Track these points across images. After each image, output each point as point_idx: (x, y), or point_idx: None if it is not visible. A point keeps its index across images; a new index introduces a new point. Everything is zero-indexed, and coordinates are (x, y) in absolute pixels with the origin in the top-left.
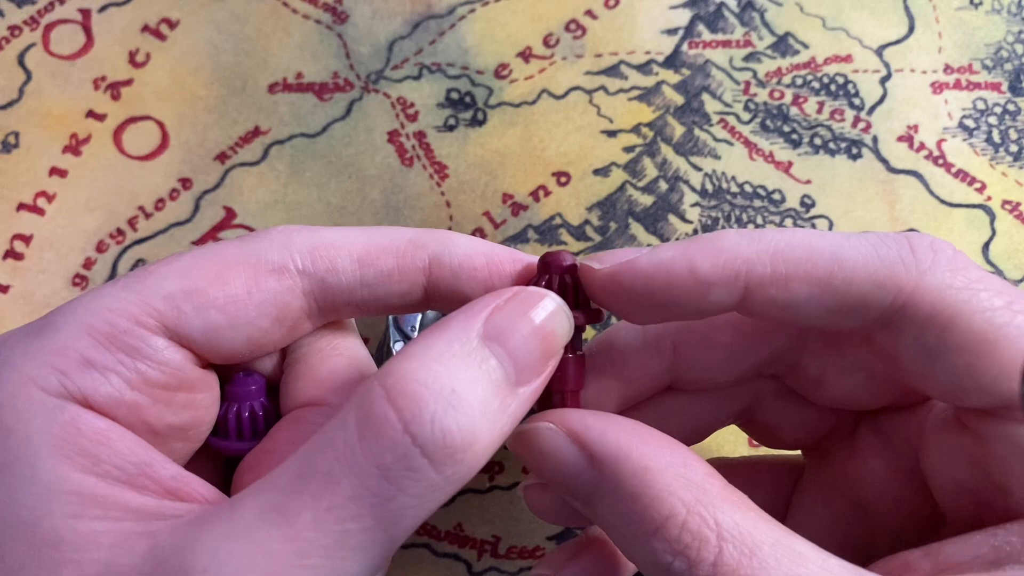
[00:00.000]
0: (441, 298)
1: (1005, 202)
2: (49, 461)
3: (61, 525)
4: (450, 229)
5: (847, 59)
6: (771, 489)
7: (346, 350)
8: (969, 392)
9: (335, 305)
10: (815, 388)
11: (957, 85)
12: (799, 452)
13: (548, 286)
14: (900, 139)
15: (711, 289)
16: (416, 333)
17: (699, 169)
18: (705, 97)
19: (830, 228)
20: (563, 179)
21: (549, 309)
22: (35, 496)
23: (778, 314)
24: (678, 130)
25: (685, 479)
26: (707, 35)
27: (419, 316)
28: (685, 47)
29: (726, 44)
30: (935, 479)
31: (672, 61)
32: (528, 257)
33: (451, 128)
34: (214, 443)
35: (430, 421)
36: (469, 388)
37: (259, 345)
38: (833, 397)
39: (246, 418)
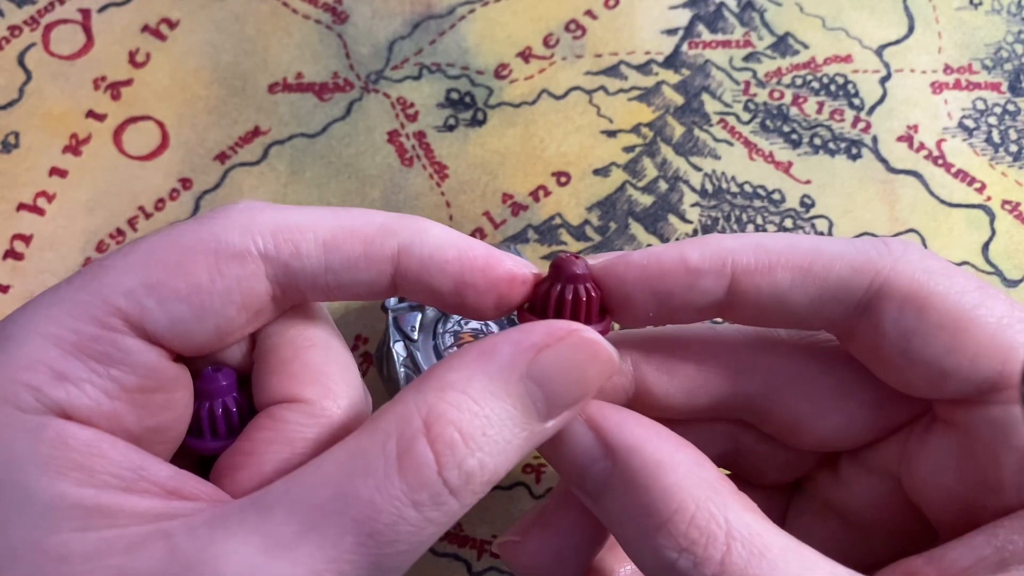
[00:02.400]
0: (409, 288)
1: (1005, 202)
2: (43, 480)
3: (68, 539)
4: None
5: (847, 59)
6: (765, 510)
7: (319, 339)
8: (949, 376)
9: (299, 290)
10: (791, 434)
11: (957, 85)
12: None
13: (561, 297)
14: (900, 139)
15: (700, 277)
16: (416, 334)
17: (699, 169)
18: (705, 97)
19: (830, 228)
20: (563, 179)
21: (603, 364)
22: (35, 517)
23: (765, 304)
24: (678, 130)
25: (698, 476)
26: (707, 35)
27: (419, 316)
28: (685, 47)
29: (726, 44)
30: (924, 495)
31: (672, 61)
32: (504, 256)
33: (451, 128)
34: (190, 443)
35: (459, 466)
36: (500, 429)
37: (227, 333)
38: (811, 441)
39: (219, 416)
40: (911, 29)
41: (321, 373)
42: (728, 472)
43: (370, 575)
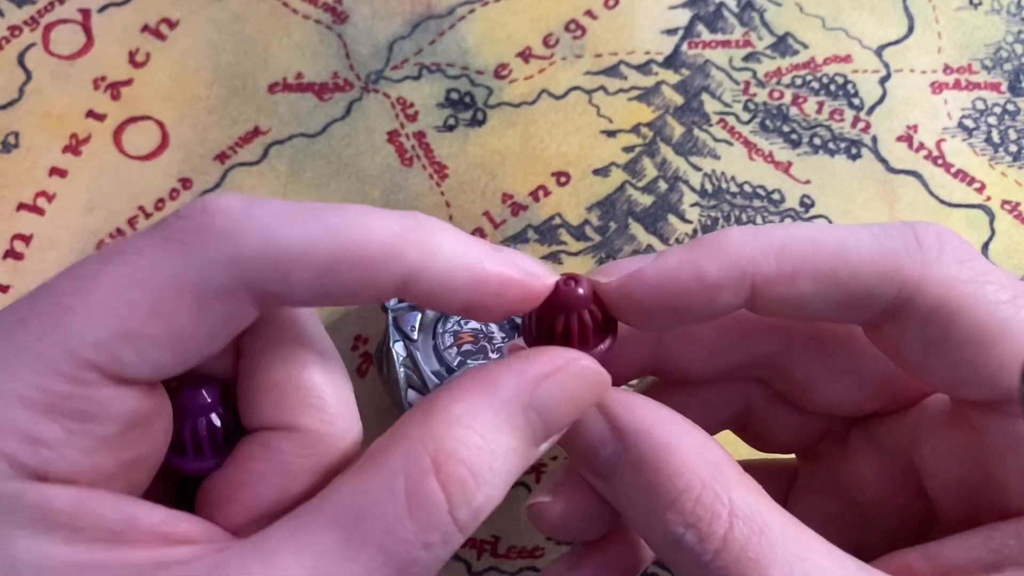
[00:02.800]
0: (413, 301)
1: (1004, 202)
2: (27, 543)
3: None
4: None
5: (847, 59)
6: (768, 488)
7: (312, 358)
8: (970, 384)
9: (287, 307)
10: (804, 394)
11: (956, 85)
12: (793, 456)
13: (567, 325)
14: (899, 139)
15: (719, 292)
16: (416, 334)
17: (699, 169)
18: (705, 97)
19: None
20: (563, 179)
21: (598, 389)
22: None
23: (786, 310)
24: (678, 130)
25: (704, 458)
26: (707, 35)
27: (419, 316)
28: (685, 47)
29: (726, 44)
30: (931, 477)
31: (672, 61)
32: (517, 273)
33: (451, 128)
34: (173, 462)
35: (469, 504)
36: (504, 462)
37: (210, 359)
38: (822, 403)
39: (204, 435)
40: (911, 29)
41: (317, 397)
42: (739, 435)
43: None
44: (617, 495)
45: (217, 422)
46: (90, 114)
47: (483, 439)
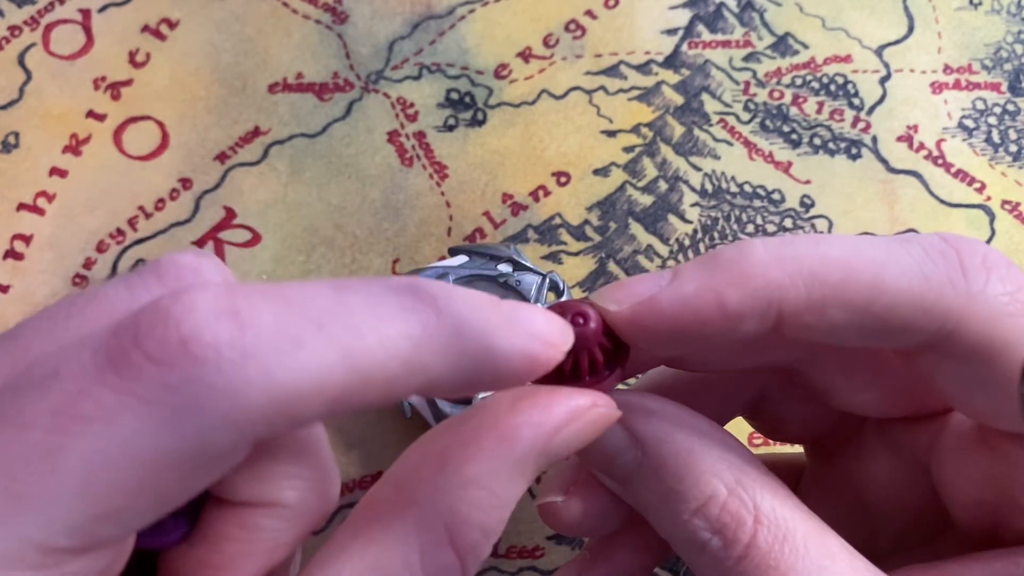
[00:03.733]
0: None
1: (1005, 202)
2: None
3: None
4: (450, 230)
5: (847, 59)
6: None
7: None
8: (1001, 417)
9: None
10: (824, 396)
11: (957, 85)
12: (801, 451)
13: (577, 363)
14: (900, 139)
15: (741, 323)
16: None
17: (699, 169)
18: (705, 97)
19: (830, 228)
20: (563, 179)
21: (606, 425)
22: None
23: (813, 337)
24: (678, 130)
25: (727, 461)
26: (707, 35)
27: None
28: (685, 47)
29: (726, 44)
30: (949, 491)
31: (672, 61)
32: (538, 350)
33: (451, 128)
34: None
35: (478, 559)
36: (511, 507)
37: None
38: (839, 405)
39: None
40: (911, 29)
41: (298, 467)
42: (751, 422)
43: None
44: (638, 499)
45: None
46: (90, 114)
47: (499, 498)
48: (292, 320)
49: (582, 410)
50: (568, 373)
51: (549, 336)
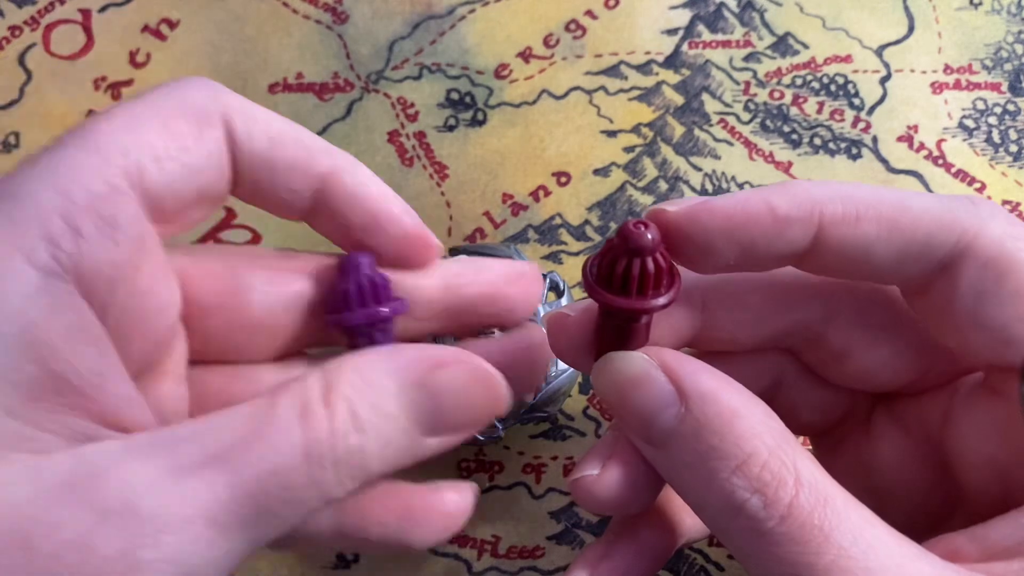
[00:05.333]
0: (324, 213)
1: (1005, 202)
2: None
3: None
4: (450, 230)
5: (847, 59)
6: None
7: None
8: (1014, 344)
9: (242, 174)
10: (837, 364)
11: (957, 85)
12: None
13: (628, 272)
14: (900, 139)
15: (788, 227)
16: None
17: (699, 169)
18: (705, 97)
19: None
20: (563, 179)
21: (494, 399)
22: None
23: (848, 258)
24: (678, 130)
25: (768, 426)
26: (707, 35)
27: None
28: (685, 47)
29: (726, 44)
30: (961, 457)
31: (672, 61)
32: (416, 216)
33: (451, 128)
34: (335, 320)
35: (344, 437)
36: (385, 424)
37: (206, 199)
38: (854, 374)
39: (367, 287)
40: (911, 29)
41: None
42: None
43: (258, 513)
44: (673, 461)
45: (378, 280)
46: (90, 114)
47: (369, 388)
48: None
49: (462, 357)
50: (619, 282)
51: (426, 229)
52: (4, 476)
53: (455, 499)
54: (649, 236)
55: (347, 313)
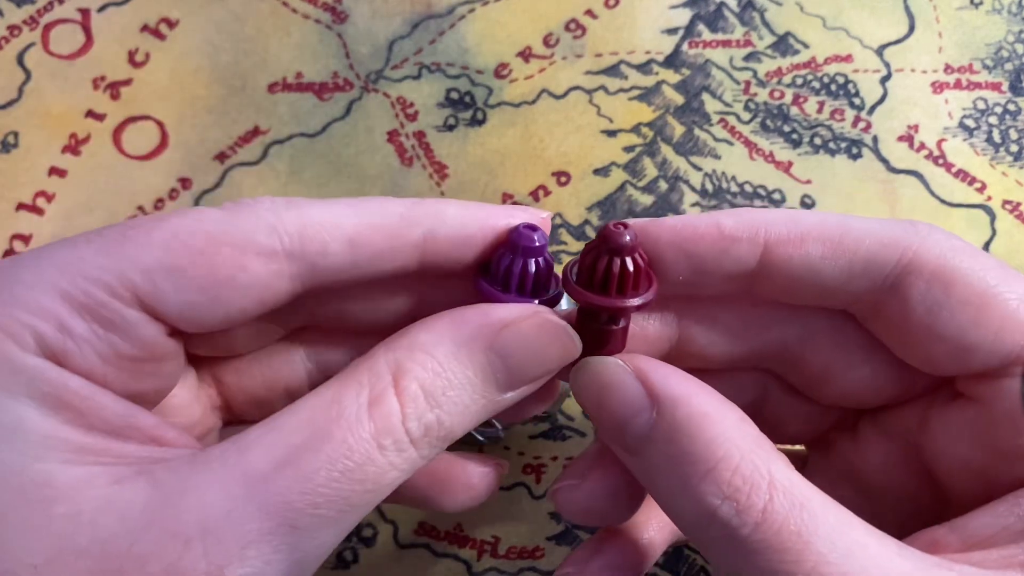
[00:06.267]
0: (438, 268)
1: (1005, 202)
2: (35, 414)
3: (54, 469)
4: None
5: (847, 59)
6: None
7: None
8: (973, 349)
9: (323, 285)
10: (819, 385)
11: (957, 85)
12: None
13: (608, 270)
14: (900, 139)
15: (734, 244)
16: None
17: (699, 169)
18: (705, 97)
19: None
20: (563, 179)
21: (565, 348)
22: (23, 445)
23: (795, 278)
24: (678, 130)
25: (741, 430)
26: (707, 35)
27: None
28: (685, 47)
29: (726, 44)
30: (940, 461)
31: (672, 61)
32: (518, 213)
33: (451, 128)
34: (486, 291)
35: (419, 419)
36: (460, 392)
37: (236, 321)
38: (836, 394)
39: (532, 273)
40: (911, 29)
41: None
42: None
43: (340, 509)
44: (647, 467)
45: (544, 268)
46: (89, 114)
47: (440, 366)
48: (321, 199)
49: (530, 312)
50: (599, 280)
51: (529, 212)
52: (88, 509)
53: (480, 472)
54: (628, 237)
55: (500, 292)
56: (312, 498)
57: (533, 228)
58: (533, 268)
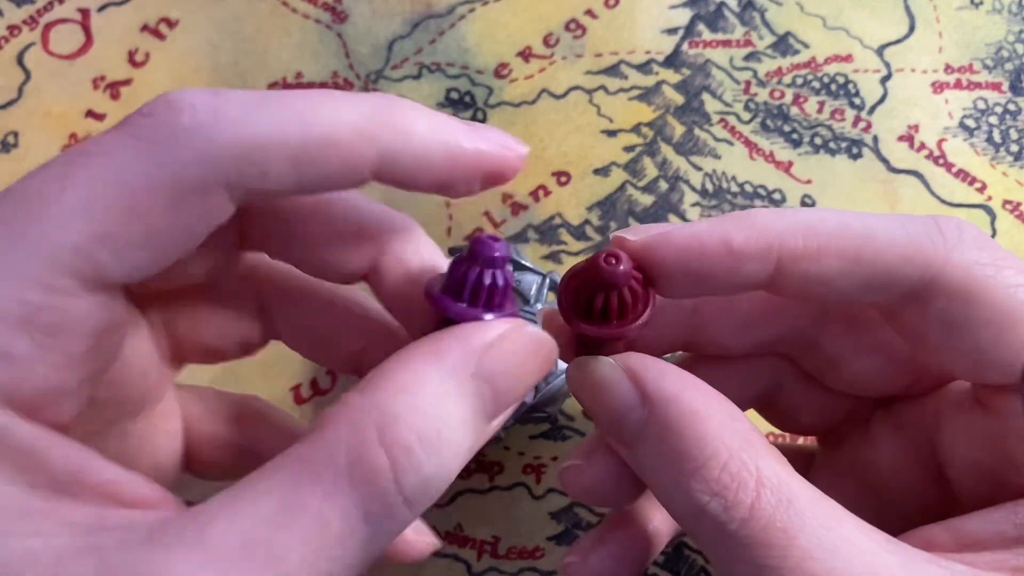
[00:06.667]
0: (391, 183)
1: (1006, 202)
2: None
3: None
4: (449, 230)
5: (847, 59)
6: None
7: None
8: (991, 366)
9: (268, 200)
10: (832, 370)
11: (958, 85)
12: (812, 441)
13: (607, 303)
14: (900, 139)
15: (745, 262)
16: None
17: (699, 169)
18: (705, 97)
19: None
20: (563, 179)
21: (546, 359)
22: None
23: (810, 290)
24: (678, 130)
25: (731, 427)
26: (707, 35)
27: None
28: (685, 47)
29: (726, 44)
30: (951, 460)
31: (672, 61)
32: (494, 142)
33: None
34: (440, 303)
35: (416, 471)
36: (454, 430)
37: (184, 254)
38: (849, 380)
39: (487, 284)
40: (912, 29)
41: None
42: (764, 414)
43: None
44: (641, 463)
45: (500, 280)
46: (89, 114)
47: (431, 406)
48: (259, 97)
49: (508, 329)
50: (598, 315)
51: (504, 140)
52: None
53: (411, 542)
54: (621, 268)
55: (454, 305)
56: None
57: (495, 239)
58: (488, 280)
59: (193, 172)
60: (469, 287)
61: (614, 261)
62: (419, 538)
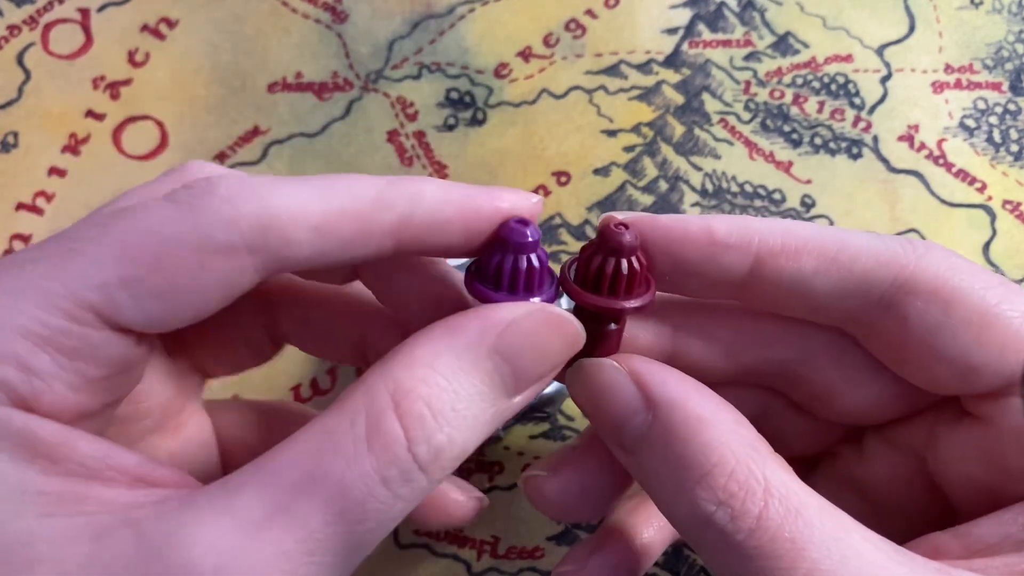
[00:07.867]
0: (413, 252)
1: (1006, 202)
2: (7, 467)
3: (33, 524)
4: None
5: (847, 59)
6: None
7: None
8: (977, 370)
9: (289, 273)
10: (822, 404)
11: (958, 85)
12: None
13: (603, 270)
14: (900, 139)
15: (725, 251)
16: None
17: (699, 169)
18: (705, 97)
19: None
20: (563, 179)
21: (569, 339)
22: None
23: (786, 293)
24: (678, 130)
25: (738, 434)
26: (707, 34)
27: None
28: (685, 47)
29: (726, 44)
30: (947, 476)
31: (672, 61)
32: (504, 195)
33: (451, 128)
34: (479, 290)
35: (427, 440)
36: (469, 405)
37: (202, 316)
38: (840, 412)
39: (523, 270)
40: (912, 28)
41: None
42: None
43: (339, 553)
44: (643, 469)
45: (536, 263)
46: (89, 114)
47: (445, 379)
48: (284, 179)
49: (531, 308)
50: (597, 282)
51: (515, 194)
52: (71, 569)
53: (458, 501)
54: (628, 237)
55: (491, 291)
56: (308, 545)
57: (525, 223)
58: (525, 265)
59: (220, 234)
60: (507, 275)
61: (623, 228)
62: (463, 497)
